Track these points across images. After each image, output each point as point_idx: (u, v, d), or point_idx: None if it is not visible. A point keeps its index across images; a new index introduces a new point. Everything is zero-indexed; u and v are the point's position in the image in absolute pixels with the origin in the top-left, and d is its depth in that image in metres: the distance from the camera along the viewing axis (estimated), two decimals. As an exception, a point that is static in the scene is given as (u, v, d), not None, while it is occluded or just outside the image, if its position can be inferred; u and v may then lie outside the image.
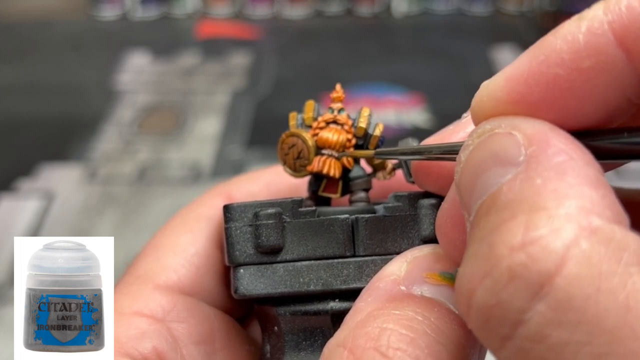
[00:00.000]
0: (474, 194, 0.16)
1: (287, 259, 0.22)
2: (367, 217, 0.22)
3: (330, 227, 0.22)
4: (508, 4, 1.17)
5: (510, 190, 0.15)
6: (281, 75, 1.00)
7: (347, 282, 0.22)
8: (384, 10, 1.18)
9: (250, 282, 0.22)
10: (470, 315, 0.15)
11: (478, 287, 0.14)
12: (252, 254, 0.22)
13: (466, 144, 0.17)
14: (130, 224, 0.72)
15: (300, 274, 0.22)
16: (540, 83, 0.16)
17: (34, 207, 0.74)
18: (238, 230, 0.22)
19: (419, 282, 0.19)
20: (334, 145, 0.23)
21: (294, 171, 0.24)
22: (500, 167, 0.15)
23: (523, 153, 0.15)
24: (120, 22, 1.16)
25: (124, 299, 0.24)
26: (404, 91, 0.92)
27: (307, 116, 0.24)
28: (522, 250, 0.14)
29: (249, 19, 1.16)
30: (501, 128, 0.16)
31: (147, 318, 0.23)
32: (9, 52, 1.08)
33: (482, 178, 0.16)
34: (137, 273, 0.24)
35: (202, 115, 0.91)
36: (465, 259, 0.15)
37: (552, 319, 0.13)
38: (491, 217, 0.15)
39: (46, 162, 0.82)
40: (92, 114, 0.92)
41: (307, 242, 0.22)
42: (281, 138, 0.24)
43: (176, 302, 0.24)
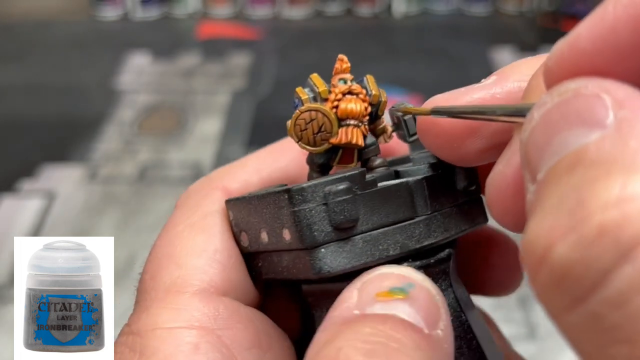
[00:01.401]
0: (548, 151, 0.15)
1: (363, 230, 0.22)
2: (423, 177, 0.23)
3: (397, 192, 0.22)
4: (507, 4, 1.17)
5: (601, 149, 0.14)
6: (281, 75, 1.00)
7: (420, 241, 0.22)
8: (384, 11, 1.18)
9: (333, 259, 0.22)
10: (540, 270, 0.14)
11: (560, 241, 0.13)
12: (330, 232, 0.21)
13: (542, 101, 0.16)
14: (130, 224, 0.72)
15: (379, 241, 0.22)
16: (627, 26, 0.15)
17: (35, 207, 0.75)
18: (312, 211, 0.21)
19: (371, 303, 0.19)
20: (358, 115, 0.23)
21: (314, 145, 0.24)
22: (585, 127, 0.15)
23: (611, 116, 0.14)
24: (121, 22, 1.17)
25: (161, 313, 0.22)
26: (404, 92, 0.92)
27: (322, 89, 0.24)
28: (617, 207, 0.13)
29: (249, 19, 1.16)
30: (587, 89, 0.15)
31: (197, 330, 0.21)
32: (10, 52, 1.08)
33: (561, 136, 0.15)
34: (163, 285, 0.23)
35: (203, 116, 0.91)
36: (541, 212, 0.14)
37: (637, 283, 0.12)
38: (577, 174, 0.14)
39: (47, 163, 0.82)
40: (92, 114, 0.92)
41: (379, 210, 0.22)
42: (295, 115, 0.23)
43: (218, 307, 0.22)
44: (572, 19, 1.09)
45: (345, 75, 0.24)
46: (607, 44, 0.16)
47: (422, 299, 0.19)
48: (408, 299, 0.19)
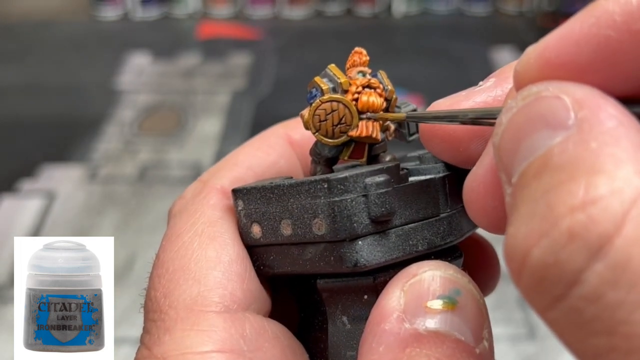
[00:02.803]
0: (518, 156, 0.16)
1: (396, 224, 0.22)
2: (444, 175, 0.23)
3: (428, 188, 0.22)
4: (507, 4, 1.17)
5: (564, 152, 0.15)
6: (281, 75, 1.00)
7: (444, 238, 0.22)
8: (384, 11, 1.18)
9: (369, 252, 0.21)
10: (522, 274, 0.15)
11: (535, 246, 0.14)
12: (368, 224, 0.21)
13: (509, 106, 0.17)
14: (130, 224, 0.72)
15: (409, 237, 0.22)
16: (590, 44, 0.16)
17: (35, 207, 0.75)
18: (353, 202, 0.21)
19: (422, 314, 0.19)
20: (377, 108, 0.23)
21: (332, 138, 0.23)
22: (549, 129, 0.15)
23: (572, 117, 0.15)
24: (121, 22, 1.17)
25: (188, 336, 0.21)
26: (404, 92, 0.92)
27: (344, 80, 0.23)
28: (583, 210, 0.14)
29: (249, 19, 1.16)
30: (548, 91, 0.16)
31: (229, 353, 0.21)
32: (11, 52, 1.08)
33: (528, 140, 0.16)
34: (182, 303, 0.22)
35: (203, 116, 0.91)
36: (517, 219, 0.15)
37: (609, 279, 0.13)
38: (545, 178, 0.15)
39: (47, 163, 0.82)
40: (93, 114, 0.92)
41: (412, 205, 0.22)
42: (315, 104, 0.23)
43: (244, 327, 0.22)
44: (572, 19, 1.09)
45: (365, 68, 0.24)
46: (570, 58, 0.16)
47: (469, 307, 0.19)
48: (457, 310, 0.19)
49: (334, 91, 0.23)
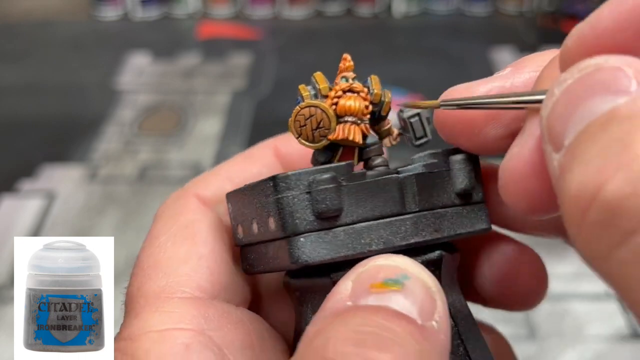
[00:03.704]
0: (574, 118, 0.16)
1: (346, 222, 0.22)
2: (414, 174, 0.22)
3: (385, 187, 0.22)
4: (508, 4, 1.17)
5: (632, 107, 0.15)
6: (281, 75, 1.00)
7: (406, 238, 0.22)
8: (384, 11, 1.18)
9: (312, 249, 0.21)
10: (589, 212, 0.14)
11: (610, 179, 0.14)
12: (312, 221, 0.21)
13: (562, 79, 0.16)
14: (130, 224, 0.72)
15: (361, 235, 0.22)
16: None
17: (35, 207, 0.75)
18: (295, 199, 0.21)
19: (365, 295, 0.19)
20: (356, 112, 0.23)
21: (312, 142, 0.24)
22: (610, 94, 0.15)
23: (634, 84, 0.15)
24: (121, 22, 1.17)
25: (152, 317, 0.22)
26: (404, 92, 0.92)
27: (322, 86, 0.24)
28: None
29: (249, 19, 1.16)
30: (609, 63, 0.16)
31: (188, 331, 0.22)
32: (10, 52, 1.08)
33: (587, 103, 0.15)
34: (151, 293, 0.23)
35: (203, 116, 0.91)
36: (582, 162, 0.15)
37: None
38: (615, 127, 0.15)
39: (47, 163, 0.82)
40: (92, 114, 0.92)
41: (365, 204, 0.22)
42: (295, 110, 0.24)
43: (207, 310, 0.23)
44: (572, 19, 1.09)
45: (348, 73, 0.24)
46: (629, 22, 0.16)
47: (417, 291, 0.19)
48: (402, 291, 0.19)
49: (315, 97, 0.24)
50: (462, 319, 0.23)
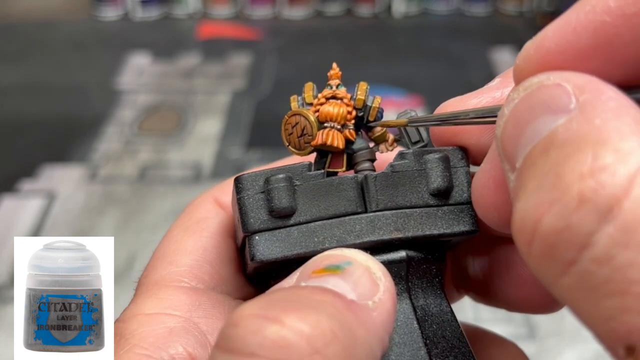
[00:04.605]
0: (521, 141, 0.16)
1: (300, 221, 0.22)
2: (375, 174, 0.23)
3: (340, 186, 0.22)
4: (507, 4, 1.18)
5: (569, 130, 0.15)
6: (281, 75, 1.00)
7: (360, 237, 0.22)
8: (383, 11, 1.18)
9: (266, 247, 0.22)
10: (533, 243, 0.15)
11: (546, 213, 0.15)
12: (266, 220, 0.22)
13: (510, 98, 0.17)
14: (130, 224, 0.72)
15: (315, 234, 0.22)
16: (587, 30, 0.17)
17: (35, 208, 0.75)
18: (251, 199, 0.22)
19: (306, 280, 0.20)
20: (335, 117, 0.24)
21: (299, 149, 0.24)
22: (551, 114, 0.16)
23: (574, 101, 0.16)
24: (121, 22, 1.17)
25: (145, 302, 0.23)
26: (404, 93, 0.92)
27: (307, 95, 0.24)
28: (592, 177, 0.14)
29: (249, 19, 1.17)
30: (549, 80, 0.16)
31: (175, 317, 0.23)
32: (11, 52, 1.08)
33: (531, 126, 0.16)
34: (152, 281, 0.24)
35: (203, 116, 0.91)
36: (525, 193, 0.16)
37: (619, 240, 0.14)
38: (552, 154, 0.15)
39: (47, 163, 0.82)
40: (93, 114, 0.92)
41: (319, 203, 0.22)
42: (284, 119, 0.24)
43: (200, 299, 0.24)
44: (572, 19, 1.09)
45: (333, 81, 0.25)
46: (569, 45, 0.17)
47: (357, 274, 0.19)
48: (341, 274, 0.19)
49: (302, 106, 0.24)
50: (435, 324, 0.23)
